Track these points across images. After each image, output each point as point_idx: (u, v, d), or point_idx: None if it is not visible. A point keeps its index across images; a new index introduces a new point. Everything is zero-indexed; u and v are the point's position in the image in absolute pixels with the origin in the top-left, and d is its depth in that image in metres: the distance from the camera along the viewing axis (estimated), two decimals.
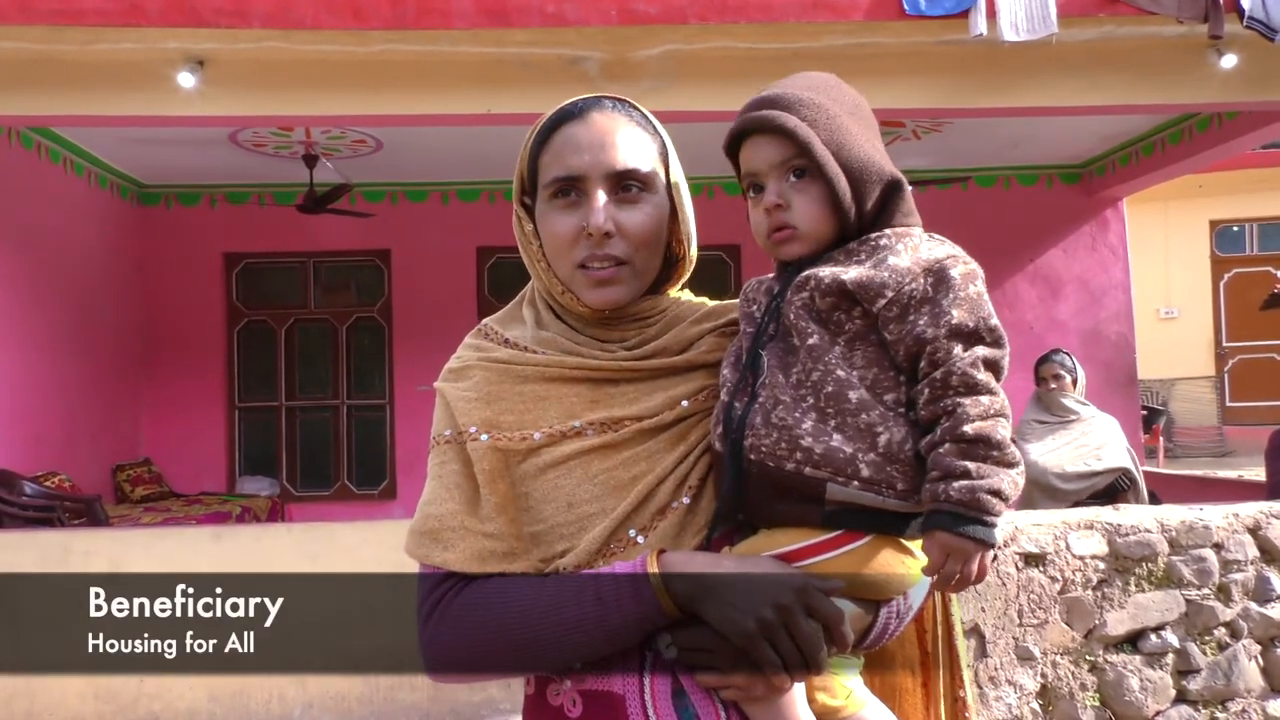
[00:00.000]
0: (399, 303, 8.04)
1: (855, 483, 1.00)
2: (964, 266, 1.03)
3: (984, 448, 0.97)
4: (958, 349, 0.99)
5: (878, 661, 1.15)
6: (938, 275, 1.02)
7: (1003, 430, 0.98)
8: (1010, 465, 0.98)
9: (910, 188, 1.12)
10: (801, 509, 1.02)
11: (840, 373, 1.02)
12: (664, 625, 1.01)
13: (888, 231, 1.08)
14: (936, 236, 1.09)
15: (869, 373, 1.03)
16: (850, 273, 1.04)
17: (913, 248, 1.05)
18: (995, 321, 1.01)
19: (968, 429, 0.97)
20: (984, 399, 0.98)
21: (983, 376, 0.99)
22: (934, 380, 0.99)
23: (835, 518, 1.01)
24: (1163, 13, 4.55)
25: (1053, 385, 4.36)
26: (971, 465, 0.96)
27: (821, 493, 1.00)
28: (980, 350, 0.99)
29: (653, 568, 0.99)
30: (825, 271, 1.05)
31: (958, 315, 1.00)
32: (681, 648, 1.01)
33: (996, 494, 0.96)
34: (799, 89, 1.10)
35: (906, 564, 1.03)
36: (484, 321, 1.23)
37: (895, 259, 1.04)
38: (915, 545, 1.04)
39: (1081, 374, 4.45)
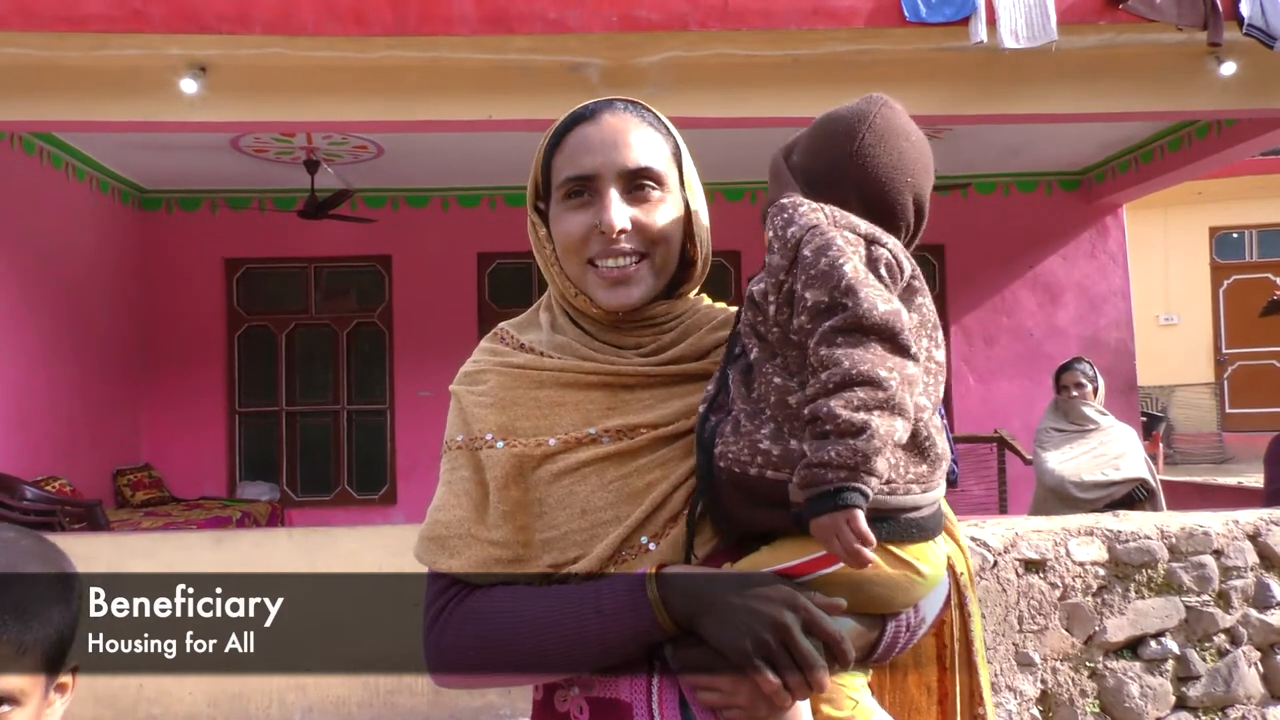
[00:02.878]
0: (399, 308, 8.04)
1: None
2: (816, 239, 1.00)
3: (817, 426, 0.94)
4: (819, 330, 0.96)
5: (892, 678, 1.13)
6: (796, 262, 1.00)
7: (833, 403, 0.93)
8: (846, 434, 0.92)
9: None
10: (771, 513, 1.01)
11: (778, 380, 1.01)
12: (664, 639, 1.00)
13: (771, 210, 1.06)
14: (799, 201, 1.06)
15: (804, 376, 1.00)
16: (755, 284, 1.05)
17: (780, 231, 1.03)
18: (849, 281, 0.95)
19: (805, 412, 0.95)
20: (822, 375, 0.94)
21: (827, 351, 0.95)
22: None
23: (805, 520, 0.99)
24: (1162, 20, 4.57)
25: (1074, 393, 4.35)
26: (804, 447, 0.95)
27: (786, 495, 0.98)
28: (828, 322, 0.96)
29: (651, 586, 0.99)
30: (752, 284, 1.07)
31: (811, 297, 0.97)
32: (682, 666, 0.99)
33: (823, 465, 0.92)
34: None
35: (911, 576, 1.02)
36: (500, 325, 1.22)
37: (770, 256, 1.03)
38: (919, 557, 1.03)
39: (1102, 384, 4.44)
